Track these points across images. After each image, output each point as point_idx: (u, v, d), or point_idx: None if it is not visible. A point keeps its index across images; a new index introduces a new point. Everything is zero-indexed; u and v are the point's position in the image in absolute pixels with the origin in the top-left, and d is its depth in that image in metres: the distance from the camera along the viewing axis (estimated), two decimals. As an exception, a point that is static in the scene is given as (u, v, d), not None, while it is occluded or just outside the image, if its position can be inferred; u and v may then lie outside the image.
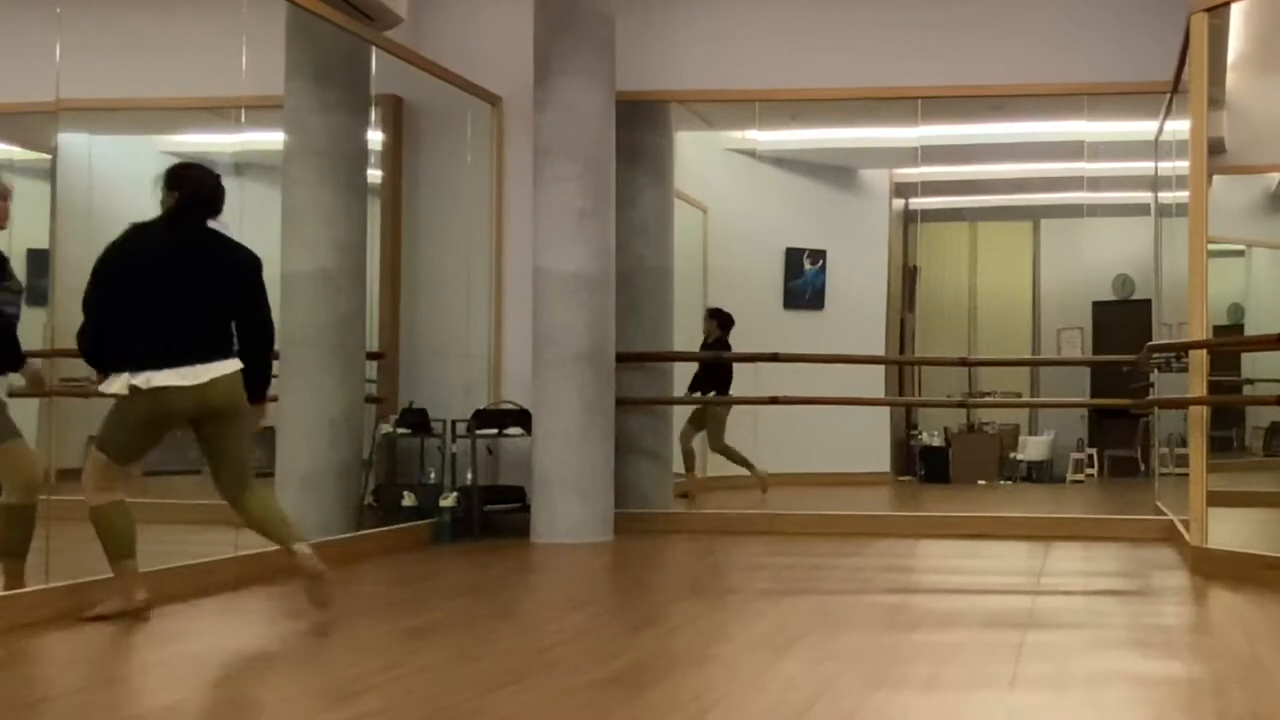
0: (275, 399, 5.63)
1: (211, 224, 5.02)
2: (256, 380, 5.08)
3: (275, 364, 7.44)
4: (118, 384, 4.85)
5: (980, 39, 8.47)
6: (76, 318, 5.02)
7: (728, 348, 9.33)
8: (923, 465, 10.97)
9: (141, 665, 4.22)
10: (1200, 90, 6.37)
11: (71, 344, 5.10)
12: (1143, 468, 10.16)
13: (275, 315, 5.21)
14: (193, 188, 4.99)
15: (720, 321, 9.50)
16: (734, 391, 9.22)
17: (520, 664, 4.14)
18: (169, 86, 7.65)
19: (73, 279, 7.32)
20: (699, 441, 9.61)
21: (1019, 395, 10.58)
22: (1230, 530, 6.52)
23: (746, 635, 4.68)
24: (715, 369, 9.31)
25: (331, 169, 7.48)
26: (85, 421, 7.83)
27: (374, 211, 8.14)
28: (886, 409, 10.38)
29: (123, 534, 4.88)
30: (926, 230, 10.71)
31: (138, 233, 4.99)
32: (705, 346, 9.38)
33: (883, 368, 10.13)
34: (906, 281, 10.96)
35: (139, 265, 4.92)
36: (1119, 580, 6.48)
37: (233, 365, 4.95)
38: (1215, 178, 7.22)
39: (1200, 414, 6.37)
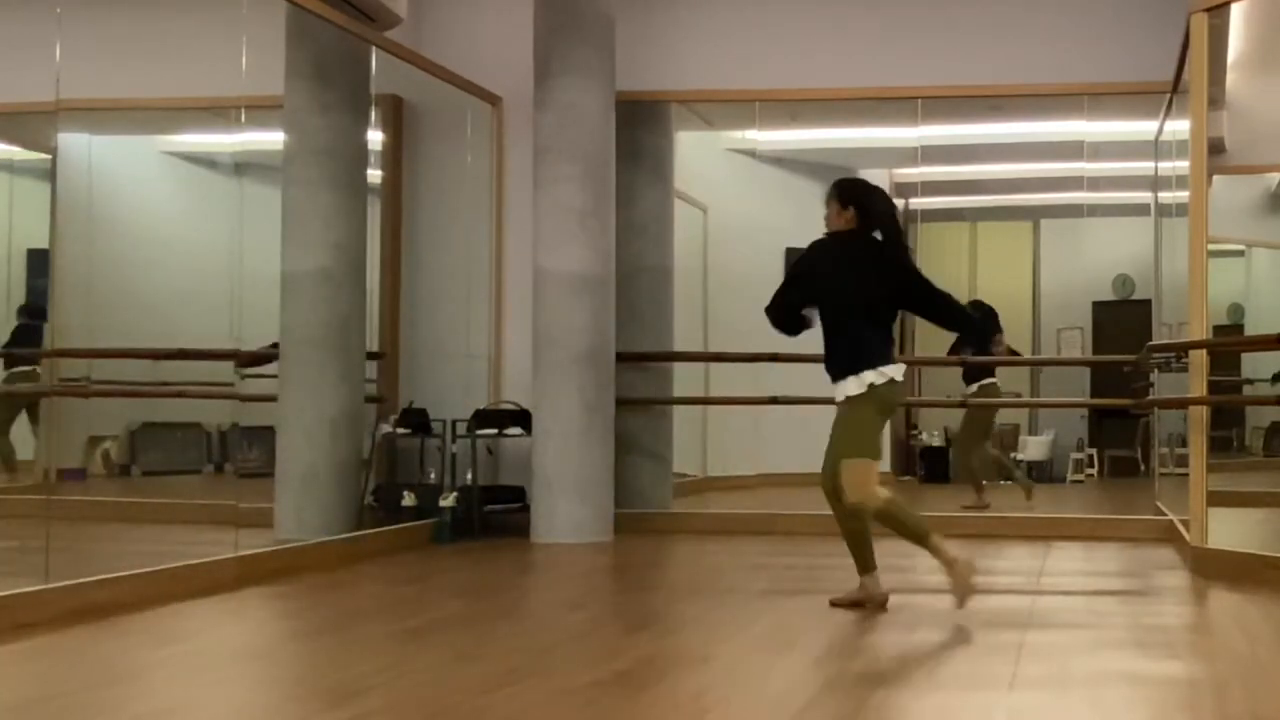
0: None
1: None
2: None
3: (276, 364, 7.48)
4: (858, 383, 5.16)
5: (980, 39, 8.47)
6: (76, 317, 5.04)
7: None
8: (923, 465, 10.97)
9: (141, 665, 4.22)
10: (1200, 90, 6.37)
11: (71, 343, 5.11)
12: (1143, 468, 10.15)
13: (275, 315, 5.24)
14: (880, 212, 5.37)
15: (983, 315, 9.46)
16: (732, 391, 9.20)
17: (520, 664, 4.14)
18: (169, 86, 7.66)
19: (73, 279, 7.36)
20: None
21: (1019, 395, 10.57)
22: (1230, 530, 6.53)
23: (746, 635, 4.68)
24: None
25: (331, 169, 7.47)
26: (85, 421, 7.85)
27: (374, 211, 8.14)
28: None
29: (913, 517, 5.20)
30: (926, 230, 10.69)
31: (848, 246, 5.34)
32: None
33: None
34: (907, 281, 10.93)
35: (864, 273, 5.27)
36: (1119, 580, 6.48)
37: None
38: (1215, 178, 7.22)
39: (1200, 414, 6.38)
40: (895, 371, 5.17)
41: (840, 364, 5.23)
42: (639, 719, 3.45)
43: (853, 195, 5.36)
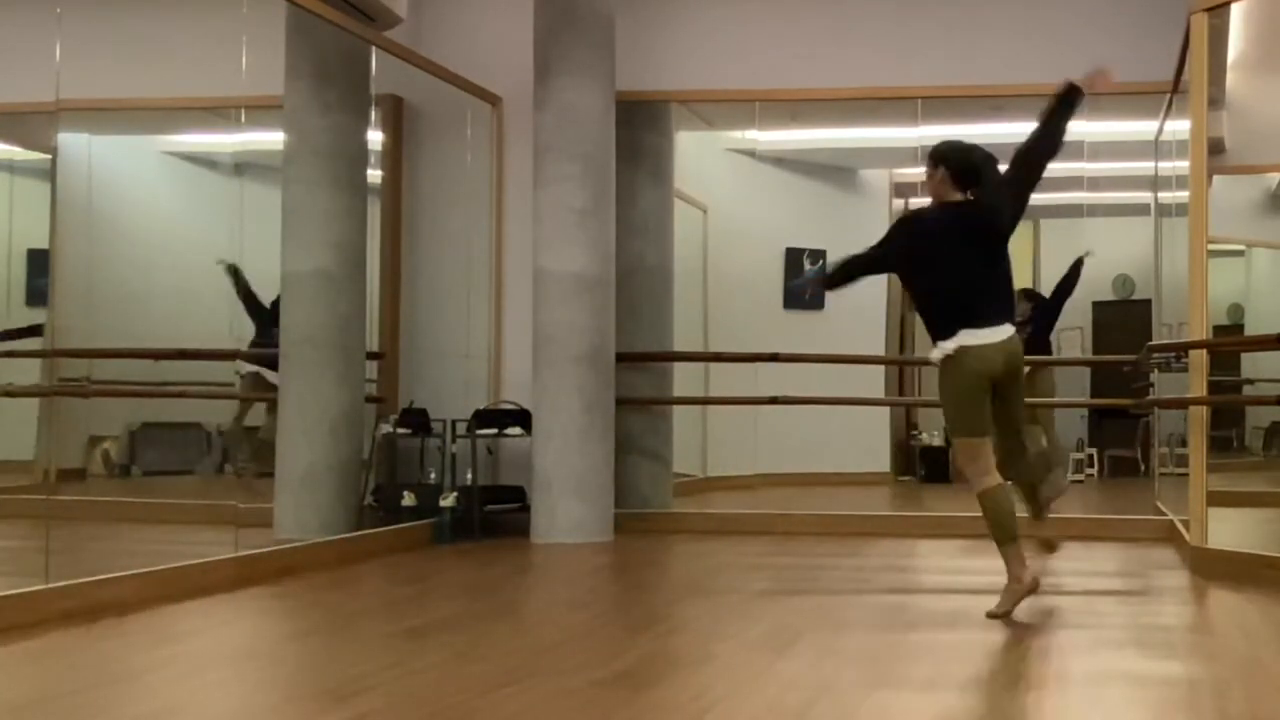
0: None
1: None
2: None
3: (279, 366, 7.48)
4: (937, 352, 5.09)
5: (980, 39, 8.47)
6: (76, 317, 5.04)
7: (1042, 330, 9.37)
8: (923, 465, 10.97)
9: (141, 665, 4.22)
10: (1200, 90, 6.37)
11: (71, 344, 5.12)
12: (1143, 468, 10.15)
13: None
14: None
15: (1034, 302, 9.50)
16: (731, 391, 9.19)
17: (520, 664, 4.14)
18: (169, 86, 7.66)
19: (73, 279, 7.36)
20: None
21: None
22: (1230, 530, 6.52)
23: (746, 635, 4.68)
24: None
25: (331, 169, 7.48)
26: (85, 421, 7.85)
27: (374, 211, 8.14)
28: (886, 409, 10.37)
29: (1007, 517, 5.01)
30: (927, 230, 10.69)
31: (920, 214, 5.40)
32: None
33: (883, 368, 10.12)
34: (907, 281, 10.93)
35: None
36: (1119, 580, 6.48)
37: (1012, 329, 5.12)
38: (1215, 178, 7.21)
39: (1200, 414, 6.37)
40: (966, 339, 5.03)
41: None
42: (639, 719, 3.45)
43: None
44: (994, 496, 5.03)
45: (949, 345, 5.05)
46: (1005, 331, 5.08)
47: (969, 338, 5.02)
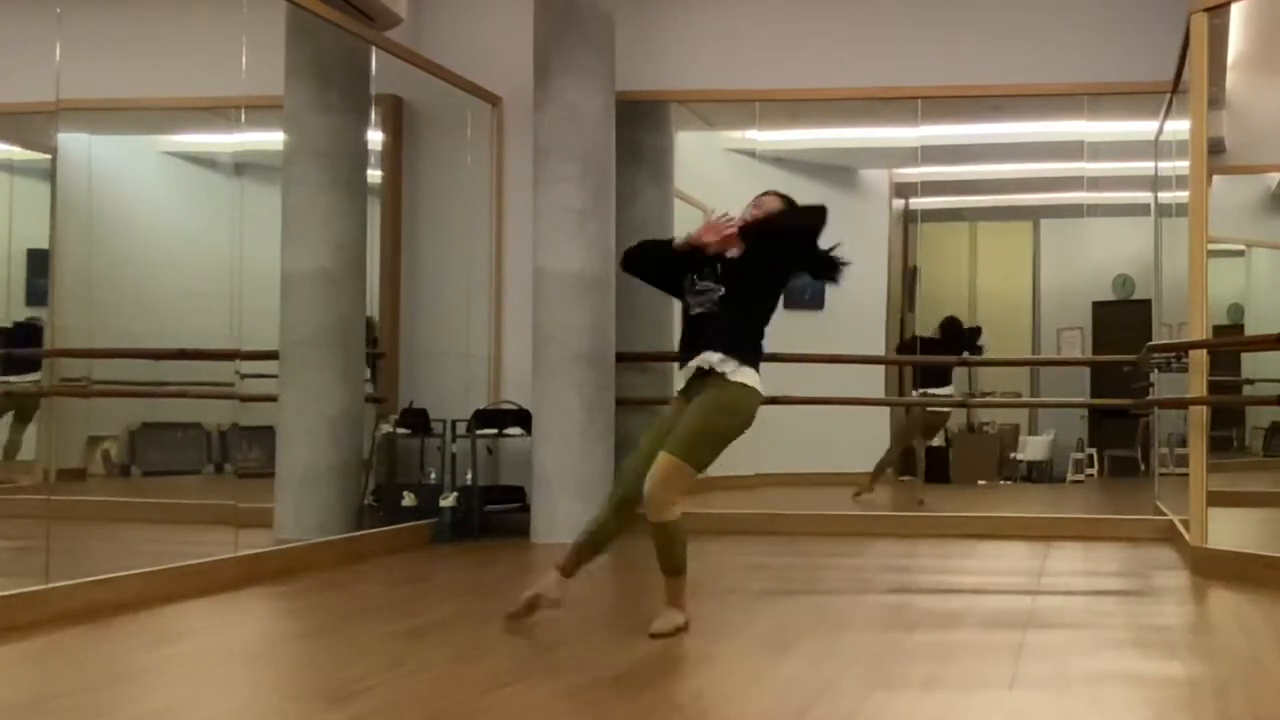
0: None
1: None
2: None
3: (278, 363, 7.48)
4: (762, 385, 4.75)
5: (980, 39, 8.47)
6: (76, 317, 5.04)
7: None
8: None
9: (141, 665, 4.22)
10: (1200, 90, 6.37)
11: (71, 344, 5.11)
12: (1143, 467, 10.15)
13: (275, 315, 5.19)
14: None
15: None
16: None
17: (520, 664, 4.14)
18: (169, 86, 7.66)
19: (73, 279, 7.36)
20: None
21: (1019, 395, 10.57)
22: (1230, 530, 6.53)
23: (746, 635, 4.68)
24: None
25: (331, 169, 7.48)
26: (85, 421, 7.85)
27: (374, 211, 8.14)
28: (886, 409, 10.37)
29: (683, 549, 4.82)
30: (926, 230, 10.69)
31: None
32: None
33: (883, 368, 10.11)
34: (906, 281, 10.95)
35: None
36: (1119, 580, 6.48)
37: None
38: (1215, 178, 7.22)
39: (1200, 414, 6.38)
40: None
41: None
42: (639, 719, 3.45)
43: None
44: (680, 528, 4.83)
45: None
46: None
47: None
